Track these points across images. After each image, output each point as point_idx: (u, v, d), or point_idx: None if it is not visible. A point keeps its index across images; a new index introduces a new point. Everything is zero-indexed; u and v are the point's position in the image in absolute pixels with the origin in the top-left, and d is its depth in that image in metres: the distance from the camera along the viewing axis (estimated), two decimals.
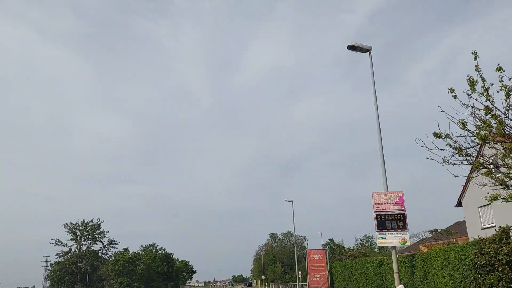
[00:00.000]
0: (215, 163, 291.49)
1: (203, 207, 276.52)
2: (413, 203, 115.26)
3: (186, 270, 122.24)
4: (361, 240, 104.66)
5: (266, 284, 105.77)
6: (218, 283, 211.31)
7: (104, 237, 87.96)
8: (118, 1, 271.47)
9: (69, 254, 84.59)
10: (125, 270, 74.16)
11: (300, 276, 56.34)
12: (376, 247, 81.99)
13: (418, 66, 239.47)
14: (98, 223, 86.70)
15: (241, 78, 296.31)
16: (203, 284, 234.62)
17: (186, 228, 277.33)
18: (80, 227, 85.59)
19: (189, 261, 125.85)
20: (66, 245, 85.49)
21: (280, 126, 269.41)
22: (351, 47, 18.11)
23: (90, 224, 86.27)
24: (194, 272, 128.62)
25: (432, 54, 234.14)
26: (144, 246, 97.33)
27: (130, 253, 79.68)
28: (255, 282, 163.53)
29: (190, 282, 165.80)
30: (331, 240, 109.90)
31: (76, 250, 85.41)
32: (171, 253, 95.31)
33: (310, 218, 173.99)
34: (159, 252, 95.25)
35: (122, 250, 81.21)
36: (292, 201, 50.44)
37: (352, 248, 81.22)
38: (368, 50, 18.15)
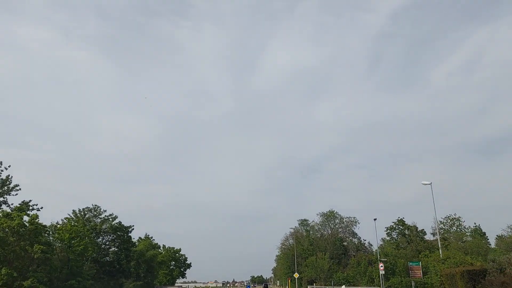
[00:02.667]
0: (235, 164, 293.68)
1: (223, 208, 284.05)
2: None
3: (175, 262, 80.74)
4: (442, 222, 68.02)
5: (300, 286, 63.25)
6: (237, 284, 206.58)
7: None
8: (140, 3, 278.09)
9: None
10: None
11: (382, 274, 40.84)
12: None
13: (441, 66, 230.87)
14: None
15: (261, 78, 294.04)
16: (221, 285, 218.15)
17: (206, 228, 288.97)
18: None
19: (180, 249, 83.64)
20: None
21: (301, 127, 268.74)
22: None
23: None
24: (189, 266, 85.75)
25: (456, 54, 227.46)
26: (77, 211, 50.93)
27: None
28: (278, 284, 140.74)
29: (183, 282, 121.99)
30: (401, 221, 67.20)
31: None
32: (129, 227, 52.24)
33: None
34: (106, 219, 52.13)
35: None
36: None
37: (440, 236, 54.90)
38: None
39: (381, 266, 43.34)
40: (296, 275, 65.54)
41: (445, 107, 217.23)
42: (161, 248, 78.26)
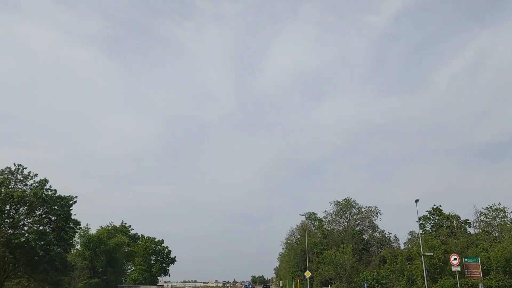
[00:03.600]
0: (237, 164, 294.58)
1: (224, 208, 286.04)
2: None
3: (156, 255, 68.22)
4: (483, 213, 55.64)
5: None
6: (237, 284, 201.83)
7: None
8: (144, 3, 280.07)
9: None
10: None
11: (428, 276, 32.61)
12: None
13: (445, 69, 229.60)
14: None
15: (264, 79, 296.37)
16: (221, 285, 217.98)
17: (207, 228, 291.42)
18: None
19: (162, 240, 70.77)
20: None
21: (303, 128, 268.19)
22: None
23: None
24: (172, 261, 72.34)
25: (460, 56, 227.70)
26: None
27: None
28: (281, 285, 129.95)
29: (166, 282, 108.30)
30: (437, 210, 55.47)
31: None
32: (69, 199, 35.59)
33: None
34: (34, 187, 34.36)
35: None
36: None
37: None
38: None
39: (455, 259, 31.16)
40: (307, 273, 53.52)
41: (448, 109, 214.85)
42: (140, 240, 66.23)
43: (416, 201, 41.88)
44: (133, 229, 77.25)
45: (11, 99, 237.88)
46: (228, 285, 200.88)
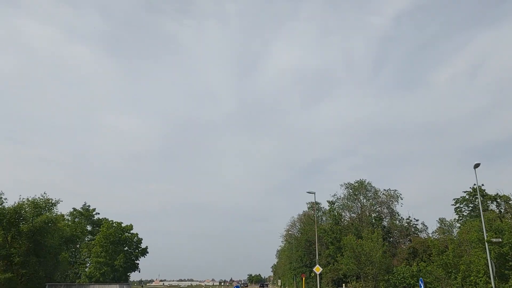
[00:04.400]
0: (237, 164, 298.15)
1: (224, 206, 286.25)
2: None
3: (124, 245, 53.23)
4: None
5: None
6: (234, 283, 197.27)
7: None
8: (144, 1, 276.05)
9: None
10: None
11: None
12: None
13: (445, 69, 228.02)
14: None
15: (264, 79, 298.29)
16: (218, 284, 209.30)
17: (206, 227, 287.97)
18: None
19: (131, 225, 55.95)
20: None
21: (303, 129, 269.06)
22: None
23: None
24: (144, 252, 57.15)
25: (460, 57, 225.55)
26: None
27: None
28: (279, 284, 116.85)
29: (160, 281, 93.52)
30: (477, 190, 39.81)
31: None
32: None
33: None
34: None
35: None
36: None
37: None
38: None
39: None
40: (317, 269, 39.15)
41: (448, 110, 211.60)
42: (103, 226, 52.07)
43: (476, 165, 27.56)
44: (98, 213, 62.95)
45: (10, 96, 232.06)
46: (223, 284, 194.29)
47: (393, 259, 45.56)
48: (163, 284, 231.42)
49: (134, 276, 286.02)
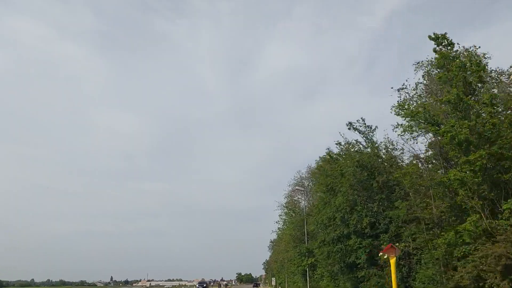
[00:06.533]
0: (229, 162, 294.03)
1: (216, 205, 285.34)
2: None
3: None
4: None
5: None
6: (225, 282, 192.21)
7: None
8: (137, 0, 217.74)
9: None
10: None
11: None
12: None
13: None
14: None
15: (257, 78, 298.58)
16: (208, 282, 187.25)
17: (198, 226, 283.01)
18: None
19: None
20: None
21: (295, 127, 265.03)
22: None
23: None
24: None
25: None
26: None
27: None
28: (273, 283, 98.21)
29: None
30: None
31: None
32: None
33: None
34: None
35: None
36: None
37: None
38: None
39: None
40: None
41: None
42: None
43: None
44: None
45: (1, 94, 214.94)
46: (212, 284, 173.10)
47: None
48: (150, 284, 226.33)
49: (120, 276, 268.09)
